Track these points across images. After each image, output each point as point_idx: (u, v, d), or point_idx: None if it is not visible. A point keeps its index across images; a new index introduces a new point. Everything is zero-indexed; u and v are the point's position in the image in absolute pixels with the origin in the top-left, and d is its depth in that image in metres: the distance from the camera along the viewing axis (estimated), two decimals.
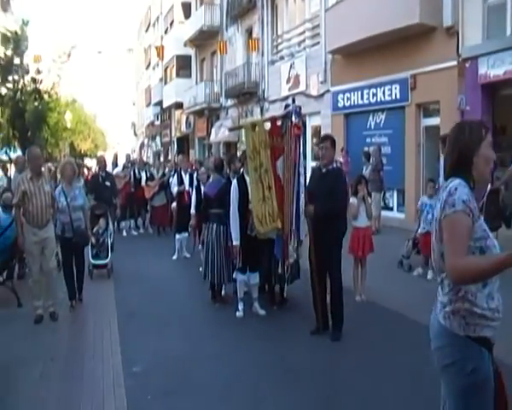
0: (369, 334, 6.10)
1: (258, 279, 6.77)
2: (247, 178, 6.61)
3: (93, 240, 8.49)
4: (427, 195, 8.75)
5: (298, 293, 7.13)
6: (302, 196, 5.78)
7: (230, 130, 21.10)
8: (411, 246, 9.05)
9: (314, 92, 18.14)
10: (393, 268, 9.16)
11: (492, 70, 11.32)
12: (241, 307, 6.80)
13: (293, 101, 6.20)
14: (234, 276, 6.90)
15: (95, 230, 8.98)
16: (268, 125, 6.16)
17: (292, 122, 5.89)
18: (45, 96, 22.57)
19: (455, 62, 12.26)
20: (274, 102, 20.89)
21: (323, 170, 5.94)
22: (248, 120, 6.50)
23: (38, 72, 22.69)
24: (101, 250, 9.12)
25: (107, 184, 11.93)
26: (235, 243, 6.56)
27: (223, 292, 7.55)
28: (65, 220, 7.06)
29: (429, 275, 8.32)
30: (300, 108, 5.98)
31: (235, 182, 6.71)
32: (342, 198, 5.86)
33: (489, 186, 10.02)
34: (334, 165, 6.01)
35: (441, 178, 8.93)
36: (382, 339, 5.94)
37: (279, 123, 6.13)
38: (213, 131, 26.32)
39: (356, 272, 7.46)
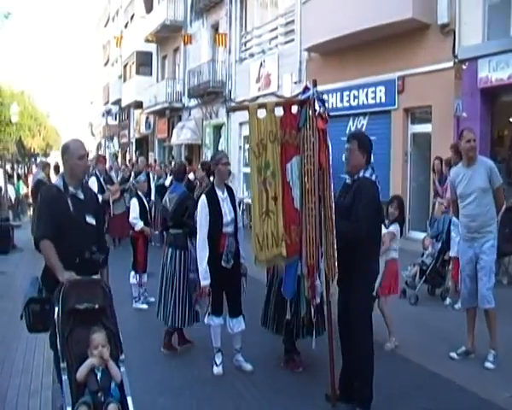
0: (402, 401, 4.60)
1: (243, 325, 5.15)
2: (219, 193, 5.10)
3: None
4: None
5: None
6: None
7: (231, 110, 18.08)
8: (418, 274, 7.64)
9: (287, 93, 16.59)
10: (394, 298, 7.72)
11: (494, 73, 10.15)
12: (219, 360, 5.19)
13: (315, 84, 4.41)
14: (206, 321, 5.21)
15: (82, 371, 3.31)
16: (280, 112, 4.42)
17: (315, 111, 4.23)
18: None
19: (450, 64, 11.04)
20: (242, 102, 19.37)
21: (348, 180, 4.39)
22: (254, 103, 4.38)
23: None
24: None
25: (90, 221, 3.97)
26: (204, 282, 4.94)
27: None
28: None
29: (457, 305, 6.92)
30: (322, 94, 4.36)
31: (203, 198, 5.07)
32: (361, 219, 4.07)
33: (504, 205, 8.83)
34: (366, 174, 4.22)
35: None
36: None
37: (295, 110, 4.42)
38: (175, 132, 24.53)
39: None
